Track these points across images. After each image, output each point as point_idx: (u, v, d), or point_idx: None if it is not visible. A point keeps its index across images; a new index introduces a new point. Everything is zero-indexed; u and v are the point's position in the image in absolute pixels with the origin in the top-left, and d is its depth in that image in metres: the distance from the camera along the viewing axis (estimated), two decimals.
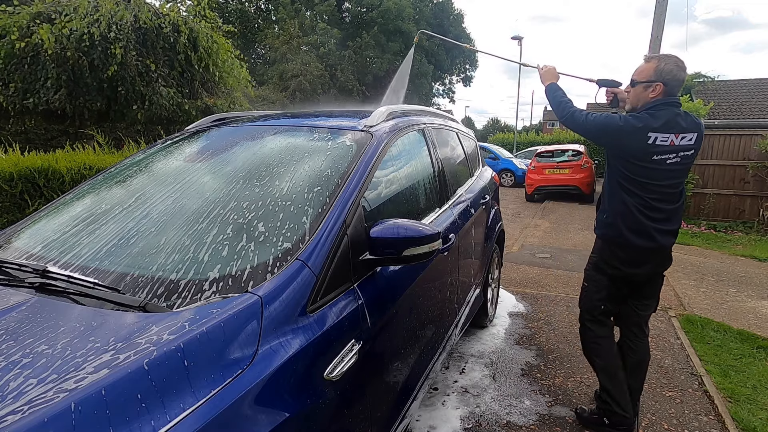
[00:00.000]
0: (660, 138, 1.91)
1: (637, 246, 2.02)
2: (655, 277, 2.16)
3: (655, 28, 8.26)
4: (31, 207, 3.64)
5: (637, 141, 1.93)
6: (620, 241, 2.06)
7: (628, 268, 2.09)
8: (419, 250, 1.34)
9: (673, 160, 1.93)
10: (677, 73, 1.93)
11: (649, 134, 1.91)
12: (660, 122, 1.91)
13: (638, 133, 1.92)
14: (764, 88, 17.62)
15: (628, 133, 1.94)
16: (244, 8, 29.77)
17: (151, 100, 6.49)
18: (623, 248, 2.07)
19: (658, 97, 1.96)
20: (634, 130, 1.93)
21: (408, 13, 28.55)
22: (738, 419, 2.34)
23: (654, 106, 1.95)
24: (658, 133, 1.90)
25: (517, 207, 10.81)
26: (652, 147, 1.91)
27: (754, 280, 4.92)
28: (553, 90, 2.27)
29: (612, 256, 2.12)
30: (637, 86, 2.02)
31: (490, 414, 2.40)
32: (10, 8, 6.14)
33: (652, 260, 2.07)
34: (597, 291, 2.22)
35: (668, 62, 1.95)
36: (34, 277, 1.14)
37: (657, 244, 2.01)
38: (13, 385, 0.80)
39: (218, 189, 1.52)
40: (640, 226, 2.00)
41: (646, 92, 1.99)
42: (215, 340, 0.94)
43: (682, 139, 1.92)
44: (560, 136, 20.82)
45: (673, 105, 1.94)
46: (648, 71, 1.98)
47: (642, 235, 2.01)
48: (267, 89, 21.68)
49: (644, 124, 1.91)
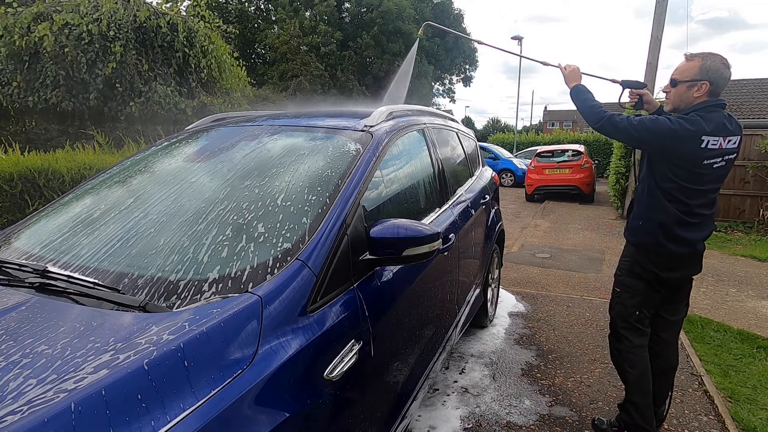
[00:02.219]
0: (711, 142, 1.81)
1: (672, 252, 1.96)
2: (687, 282, 2.11)
3: (655, 28, 8.25)
4: (31, 207, 3.64)
5: (691, 145, 1.82)
6: (657, 249, 1.99)
7: (663, 272, 2.01)
8: (419, 250, 1.34)
9: (719, 164, 1.85)
10: (723, 71, 1.84)
11: (703, 138, 1.81)
12: (712, 125, 1.82)
13: (693, 136, 1.81)
14: (764, 88, 17.62)
15: (681, 137, 1.82)
16: (243, 8, 29.75)
17: (147, 97, 6.50)
18: (660, 255, 2.00)
19: (704, 97, 1.86)
20: (689, 133, 1.81)
21: (408, 13, 28.54)
22: (738, 419, 2.34)
23: (704, 108, 1.85)
24: (710, 136, 1.81)
25: (517, 207, 10.81)
26: (705, 151, 1.82)
27: (754, 280, 4.92)
28: (581, 93, 2.12)
29: (648, 261, 2.04)
30: (680, 86, 1.91)
31: (490, 414, 2.40)
32: (11, 9, 6.15)
33: (687, 265, 2.02)
34: (631, 296, 2.10)
35: (714, 60, 1.84)
36: (34, 277, 1.14)
37: (693, 249, 1.97)
38: (13, 385, 0.80)
39: (218, 189, 1.52)
40: (679, 232, 1.92)
41: (690, 92, 1.88)
42: (215, 340, 0.94)
43: (729, 142, 1.84)
44: (560, 136, 20.83)
45: (722, 106, 1.88)
46: (692, 70, 1.87)
47: (679, 242, 1.94)
48: (267, 89, 21.67)
49: (698, 127, 1.81)
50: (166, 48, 6.83)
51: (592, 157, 13.40)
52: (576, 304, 4.06)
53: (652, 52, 8.25)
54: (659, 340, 2.17)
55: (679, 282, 2.08)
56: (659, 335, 2.17)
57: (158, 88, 6.53)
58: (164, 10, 6.95)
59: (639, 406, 2.06)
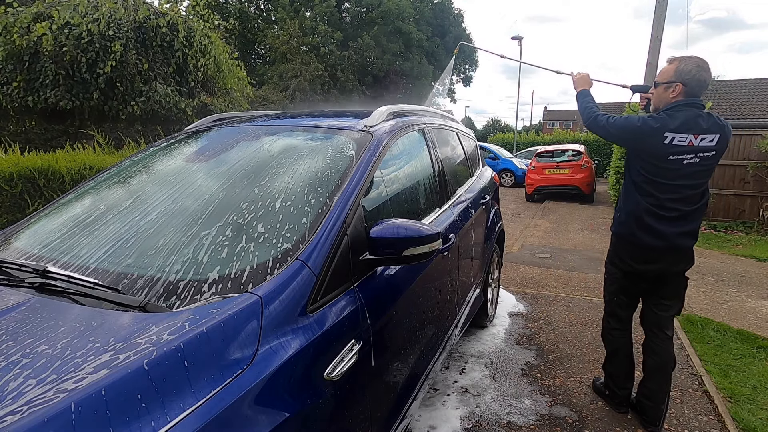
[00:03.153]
0: (678, 138, 1.93)
1: (647, 244, 2.07)
2: (671, 277, 2.16)
3: (655, 28, 8.26)
4: (31, 207, 3.64)
5: (654, 141, 1.97)
6: (632, 239, 2.13)
7: (638, 264, 2.15)
8: (419, 250, 1.34)
9: (691, 160, 1.95)
10: (696, 73, 1.94)
11: (666, 134, 1.94)
12: (677, 122, 1.94)
13: (655, 133, 1.96)
14: (764, 88, 17.63)
15: (645, 134, 1.99)
16: (243, 8, 29.75)
17: (148, 97, 6.51)
18: (635, 246, 2.13)
19: (679, 97, 1.99)
20: (651, 130, 1.97)
21: (408, 13, 28.52)
22: (738, 419, 2.34)
23: (673, 107, 1.99)
24: (676, 133, 1.93)
25: (517, 207, 10.81)
26: (669, 147, 1.95)
27: (754, 280, 4.92)
28: (582, 96, 2.35)
29: (624, 252, 2.21)
30: (659, 87, 2.06)
31: (490, 414, 2.40)
32: (11, 9, 6.15)
33: (664, 259, 2.09)
34: (611, 283, 2.36)
35: (688, 63, 1.97)
36: (34, 277, 1.14)
37: (669, 243, 2.04)
38: (13, 385, 0.80)
39: (218, 189, 1.52)
40: (651, 224, 2.04)
41: (666, 93, 2.02)
42: (215, 340, 0.94)
43: (702, 140, 1.93)
44: (560, 136, 20.82)
45: (694, 106, 1.97)
46: (669, 72, 2.01)
47: (652, 234, 2.04)
48: (267, 89, 21.68)
49: (661, 124, 1.96)
50: (166, 48, 6.83)
51: (592, 157, 13.39)
52: (576, 304, 4.06)
53: (652, 52, 8.25)
54: (651, 334, 2.26)
55: (658, 275, 2.15)
56: (652, 330, 2.26)
57: (158, 87, 6.53)
58: (164, 10, 6.96)
59: (612, 375, 2.43)
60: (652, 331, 2.25)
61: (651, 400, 2.24)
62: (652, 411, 2.24)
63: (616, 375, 2.41)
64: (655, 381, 2.23)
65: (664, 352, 2.21)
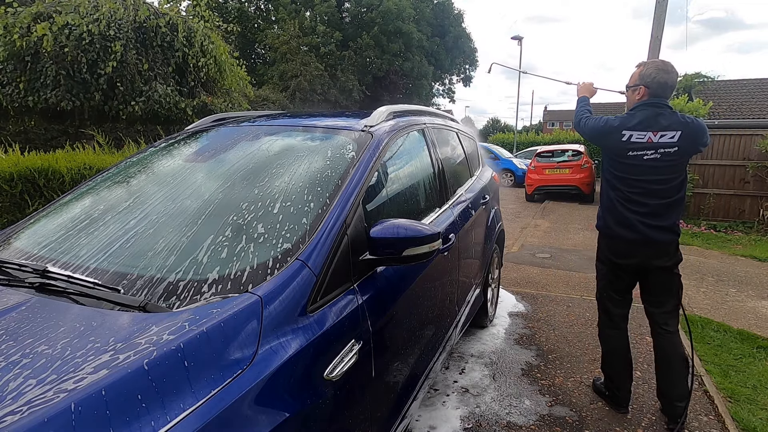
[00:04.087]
0: (636, 135, 2.09)
1: (621, 236, 2.19)
2: (655, 272, 2.20)
3: (655, 28, 8.25)
4: (31, 207, 3.64)
5: (614, 138, 2.14)
6: (608, 233, 2.26)
7: (616, 258, 2.26)
8: (419, 250, 1.34)
9: (651, 156, 2.07)
10: (657, 76, 2.09)
11: (623, 132, 2.11)
12: (636, 121, 2.10)
13: (614, 131, 2.14)
14: (764, 88, 17.62)
15: (607, 133, 2.18)
16: (243, 8, 29.75)
17: (148, 97, 6.51)
18: (611, 239, 2.26)
19: (643, 99, 2.14)
20: (611, 129, 2.15)
21: (408, 13, 28.51)
22: (738, 419, 2.34)
23: (635, 107, 2.16)
24: (633, 131, 2.09)
25: (517, 207, 10.81)
26: (627, 144, 2.10)
27: (754, 280, 4.92)
28: (580, 102, 2.52)
29: (605, 246, 2.33)
30: (628, 91, 2.25)
31: (490, 414, 2.40)
32: (11, 9, 6.15)
33: (640, 252, 2.17)
34: (601, 279, 2.43)
35: (650, 67, 2.14)
36: (34, 277, 1.14)
37: (642, 236, 2.12)
38: (13, 385, 0.80)
39: (218, 189, 1.52)
40: (621, 217, 2.16)
41: (633, 95, 2.20)
42: (215, 341, 0.94)
43: (662, 136, 2.06)
44: (560, 136, 20.83)
45: (654, 105, 2.10)
46: (634, 77, 2.20)
47: (625, 227, 2.16)
48: (267, 89, 21.67)
49: (620, 122, 2.14)
50: (166, 48, 6.83)
51: (592, 157, 13.37)
52: (576, 304, 4.06)
53: (652, 51, 8.25)
54: (654, 331, 2.30)
55: (638, 269, 2.23)
56: (651, 325, 2.31)
57: (158, 87, 6.53)
58: (164, 10, 6.96)
59: (609, 374, 2.47)
60: (653, 327, 2.29)
61: (664, 396, 2.27)
62: (668, 409, 2.25)
63: (614, 375, 2.43)
64: (663, 377, 2.25)
65: (667, 346, 2.23)
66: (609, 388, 2.47)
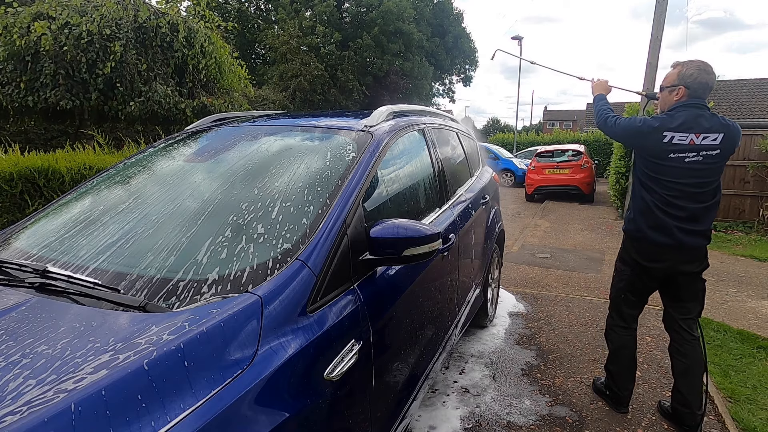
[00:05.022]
0: (677, 137, 2.00)
1: (654, 241, 2.11)
2: (683, 278, 2.15)
3: (655, 28, 8.24)
4: (31, 207, 3.64)
5: (654, 140, 2.05)
6: (639, 236, 2.17)
7: (646, 261, 2.18)
8: (419, 250, 1.34)
9: (692, 158, 2.00)
10: (698, 76, 2.02)
11: (665, 133, 2.02)
12: (677, 122, 2.01)
13: (654, 132, 2.04)
14: (764, 88, 17.62)
15: (645, 133, 2.08)
16: (243, 8, 29.75)
17: (148, 97, 6.51)
18: (642, 243, 2.17)
19: (682, 99, 2.06)
20: (651, 129, 2.06)
21: (408, 13, 28.50)
22: (738, 419, 2.34)
23: (674, 108, 2.07)
24: (675, 132, 2.00)
25: (517, 207, 10.81)
26: (669, 145, 2.01)
27: (754, 280, 4.92)
28: (598, 100, 2.45)
29: (632, 249, 2.25)
30: (664, 91, 2.16)
31: (490, 414, 2.40)
32: (11, 9, 6.15)
33: (671, 257, 2.11)
34: (619, 280, 2.37)
35: (690, 66, 2.05)
36: (34, 277, 1.14)
37: (676, 241, 2.06)
38: (13, 385, 0.80)
39: (218, 189, 1.52)
40: (658, 222, 2.08)
41: (671, 96, 2.11)
42: (215, 341, 0.94)
43: (704, 138, 1.98)
44: (560, 136, 20.82)
45: (695, 106, 2.02)
46: (672, 77, 2.11)
47: (659, 231, 2.09)
48: (267, 89, 21.67)
49: (660, 123, 2.04)
50: (166, 48, 6.83)
51: (592, 157, 13.39)
52: (576, 304, 4.06)
53: (652, 51, 8.24)
54: (676, 335, 2.25)
55: (667, 274, 2.17)
56: (676, 331, 2.25)
57: (158, 87, 6.53)
58: (164, 10, 6.95)
59: (613, 373, 2.43)
60: (677, 332, 2.22)
61: (686, 406, 2.19)
62: (688, 418, 2.19)
63: (618, 374, 2.41)
64: (686, 385, 2.18)
65: (692, 353, 2.17)
66: (610, 388, 2.46)
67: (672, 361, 2.25)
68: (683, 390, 2.20)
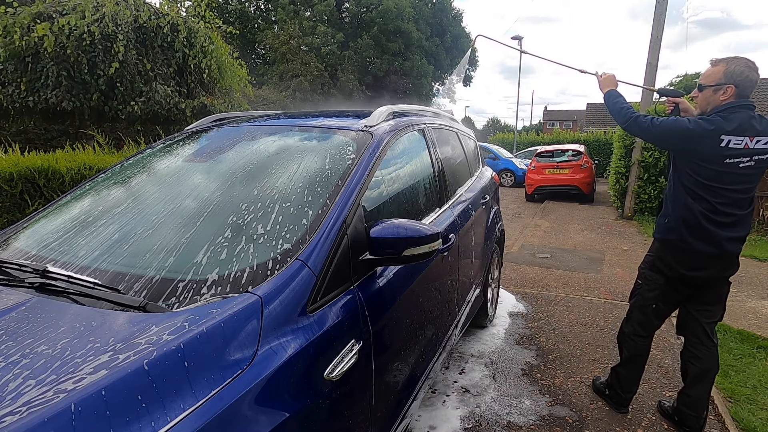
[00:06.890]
0: (734, 141, 1.87)
1: (700, 252, 2.00)
2: (717, 283, 2.10)
3: (655, 28, 8.25)
4: (31, 207, 3.64)
5: (710, 144, 1.89)
6: (682, 246, 2.04)
7: (687, 271, 2.07)
8: (419, 250, 1.34)
9: (746, 163, 1.89)
10: (749, 74, 1.89)
11: (722, 137, 1.87)
12: (733, 125, 1.87)
13: (710, 135, 1.88)
14: (764, 88, 17.61)
15: (699, 136, 1.90)
16: (243, 8, 29.75)
17: (148, 97, 6.52)
18: (684, 252, 2.05)
19: (730, 99, 1.92)
20: (705, 132, 1.89)
21: (408, 13, 28.52)
22: (738, 419, 2.34)
23: (726, 109, 1.91)
24: (732, 136, 1.87)
25: (517, 207, 10.81)
26: (726, 150, 1.88)
27: (754, 280, 4.92)
28: (613, 96, 2.26)
29: (671, 258, 2.11)
30: (706, 90, 1.98)
31: (490, 414, 2.40)
32: (11, 9, 6.15)
33: (714, 266, 2.03)
34: (650, 290, 2.23)
35: (738, 64, 1.91)
36: (33, 277, 1.14)
37: (721, 249, 1.97)
38: (13, 385, 0.80)
39: (218, 189, 1.52)
40: (705, 232, 1.96)
41: (716, 95, 1.95)
42: (215, 341, 0.94)
43: (758, 142, 1.87)
44: (560, 136, 20.83)
45: (747, 107, 1.91)
46: (717, 74, 1.94)
47: (706, 241, 1.97)
48: (267, 89, 21.68)
49: (716, 126, 1.88)
50: (166, 48, 6.83)
51: (592, 157, 13.38)
52: (576, 304, 4.06)
53: (652, 51, 8.24)
54: (695, 341, 2.17)
55: (705, 282, 2.08)
56: (697, 336, 2.17)
57: (158, 88, 6.54)
58: (165, 11, 6.96)
59: (621, 376, 2.39)
60: (698, 338, 2.16)
61: (693, 409, 2.16)
62: (693, 420, 2.17)
63: (627, 378, 2.37)
64: (698, 388, 2.15)
65: (709, 358, 2.13)
66: (613, 389, 2.44)
67: (685, 365, 2.20)
68: (693, 394, 2.16)
